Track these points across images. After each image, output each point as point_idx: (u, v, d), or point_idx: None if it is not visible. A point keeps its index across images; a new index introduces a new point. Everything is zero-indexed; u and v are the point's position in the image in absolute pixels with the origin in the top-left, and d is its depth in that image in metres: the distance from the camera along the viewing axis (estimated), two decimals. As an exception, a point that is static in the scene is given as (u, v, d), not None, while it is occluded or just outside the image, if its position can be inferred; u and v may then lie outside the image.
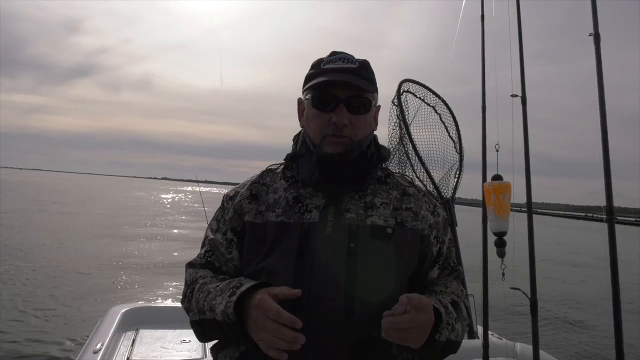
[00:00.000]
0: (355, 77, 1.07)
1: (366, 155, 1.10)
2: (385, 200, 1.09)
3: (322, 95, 1.07)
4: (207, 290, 1.03)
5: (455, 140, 2.54)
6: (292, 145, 1.18)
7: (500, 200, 1.88)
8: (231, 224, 1.12)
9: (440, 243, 1.13)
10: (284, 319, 0.86)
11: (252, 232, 1.08)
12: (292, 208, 1.06)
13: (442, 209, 1.19)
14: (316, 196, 1.07)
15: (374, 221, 1.05)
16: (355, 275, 0.99)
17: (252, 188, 1.14)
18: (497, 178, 1.97)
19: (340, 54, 1.11)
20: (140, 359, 2.47)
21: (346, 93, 1.06)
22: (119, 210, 26.44)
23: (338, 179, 1.06)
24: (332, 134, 1.06)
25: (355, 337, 0.98)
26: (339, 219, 1.04)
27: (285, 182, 1.13)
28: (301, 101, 1.16)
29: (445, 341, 0.99)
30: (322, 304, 0.97)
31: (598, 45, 1.68)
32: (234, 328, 0.95)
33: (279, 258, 1.02)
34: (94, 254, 10.96)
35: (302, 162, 1.11)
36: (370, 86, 1.10)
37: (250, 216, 1.10)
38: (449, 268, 1.14)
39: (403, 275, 1.06)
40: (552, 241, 24.74)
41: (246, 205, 1.11)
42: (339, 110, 1.06)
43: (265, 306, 0.89)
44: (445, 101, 2.56)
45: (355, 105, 1.07)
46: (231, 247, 1.12)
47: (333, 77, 1.06)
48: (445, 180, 2.51)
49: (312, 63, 1.14)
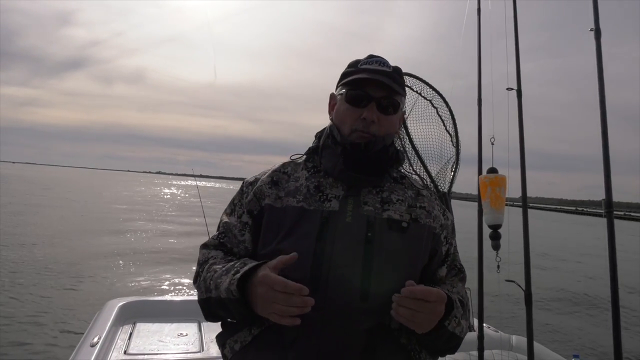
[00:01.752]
0: (389, 79, 1.14)
1: (388, 151, 1.16)
2: (401, 197, 1.16)
3: (357, 91, 1.15)
4: (213, 270, 1.09)
5: (452, 134, 2.54)
6: (314, 141, 1.25)
7: (496, 193, 1.90)
8: (249, 206, 1.18)
9: (448, 244, 1.20)
10: (291, 288, 0.91)
11: (270, 215, 1.13)
12: (313, 196, 1.12)
13: (451, 215, 1.28)
14: (336, 187, 1.14)
15: (390, 215, 1.11)
16: (371, 262, 1.04)
17: (273, 175, 1.20)
18: (492, 171, 1.98)
19: (377, 58, 1.19)
20: (137, 352, 2.48)
21: (379, 93, 1.13)
22: (117, 203, 26.36)
23: (360, 167, 1.12)
24: (361, 129, 1.13)
25: (370, 321, 1.04)
26: (358, 210, 1.10)
27: (306, 172, 1.19)
28: (333, 96, 1.24)
29: (451, 332, 1.04)
30: (340, 288, 1.03)
31: (599, 41, 1.69)
32: (237, 305, 1.01)
33: (299, 241, 1.07)
34: (91, 248, 10.94)
35: (326, 153, 1.18)
36: (401, 90, 1.18)
37: (270, 200, 1.15)
38: (456, 269, 1.22)
39: (415, 267, 1.12)
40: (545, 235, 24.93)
41: (266, 189, 1.17)
42: (370, 108, 1.13)
43: (270, 281, 0.94)
44: (442, 95, 2.55)
45: (385, 105, 1.14)
46: (244, 230, 1.16)
47: (370, 75, 1.13)
48: (442, 174, 2.51)
49: (349, 62, 1.22)
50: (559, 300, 9.39)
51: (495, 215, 1.91)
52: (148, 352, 2.50)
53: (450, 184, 2.45)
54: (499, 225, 1.92)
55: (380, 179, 1.16)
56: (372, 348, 1.03)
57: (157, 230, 15.78)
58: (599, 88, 1.65)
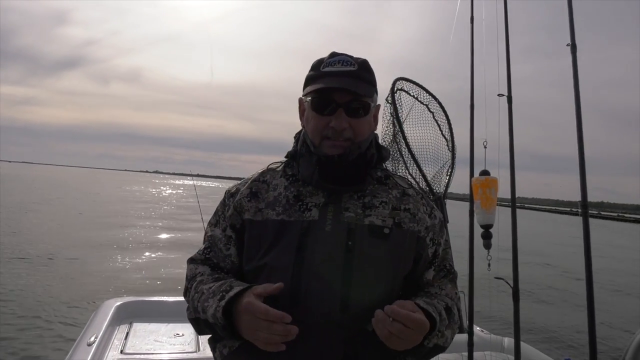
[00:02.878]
0: (355, 80, 1.08)
1: (365, 157, 1.12)
2: (385, 199, 1.13)
3: (321, 99, 1.09)
4: (201, 291, 1.08)
5: (447, 139, 2.58)
6: (293, 144, 1.21)
7: (487, 195, 1.96)
8: (231, 220, 1.15)
9: (436, 245, 1.16)
10: (272, 316, 0.91)
11: (252, 230, 1.11)
12: (293, 206, 1.10)
13: (439, 212, 1.22)
14: (316, 195, 1.11)
15: (372, 221, 1.08)
16: (351, 272, 1.03)
17: (252, 186, 1.17)
18: (484, 173, 2.04)
19: (339, 56, 1.12)
20: (134, 352, 2.49)
21: (345, 97, 1.07)
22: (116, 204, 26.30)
23: (337, 179, 1.09)
24: (330, 136, 1.08)
25: (349, 331, 1.02)
26: (338, 218, 1.08)
27: (285, 180, 1.16)
28: (302, 101, 1.18)
29: (432, 346, 1.03)
30: (319, 299, 1.01)
31: (575, 55, 1.76)
32: (223, 330, 1.01)
33: (280, 255, 1.06)
34: (87, 249, 10.91)
35: (302, 162, 1.13)
36: (370, 89, 1.11)
37: (249, 214, 1.13)
38: (445, 270, 1.18)
39: (398, 274, 1.10)
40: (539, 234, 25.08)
41: (245, 203, 1.14)
42: (337, 115, 1.07)
43: (253, 309, 0.93)
44: (438, 100, 2.59)
45: (354, 109, 1.08)
46: (229, 244, 1.15)
47: (332, 83, 1.07)
48: (438, 177, 2.54)
49: (312, 64, 1.16)
50: (547, 295, 9.51)
51: (486, 216, 1.98)
52: (145, 351, 2.52)
53: (445, 187, 2.48)
54: (490, 225, 1.98)
55: (362, 184, 1.11)
56: (354, 355, 1.02)
57: (155, 230, 15.76)
58: (575, 99, 1.75)
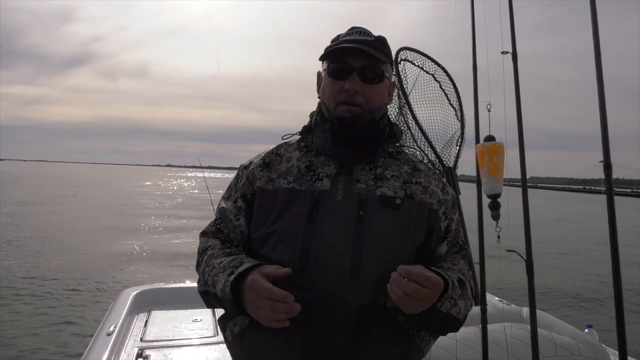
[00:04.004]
0: (370, 47, 1.10)
1: (378, 125, 1.12)
2: (396, 173, 1.13)
3: (337, 63, 1.12)
4: (212, 265, 1.09)
5: (456, 108, 2.50)
6: (309, 121, 1.22)
7: (494, 162, 1.86)
8: (242, 190, 1.17)
9: (448, 220, 1.15)
10: (276, 295, 0.92)
11: (262, 197, 1.12)
12: (304, 176, 1.11)
13: (451, 189, 1.21)
14: (328, 165, 1.12)
15: (384, 192, 1.09)
16: (362, 241, 1.03)
17: (265, 158, 1.19)
18: (490, 139, 1.94)
19: (358, 28, 1.15)
20: (153, 339, 2.53)
21: (360, 62, 1.10)
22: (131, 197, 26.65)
23: (349, 143, 1.10)
24: (344, 101, 1.10)
25: (360, 301, 1.01)
26: (349, 188, 1.08)
27: (298, 152, 1.17)
28: (320, 74, 1.20)
29: (445, 314, 1.01)
30: (329, 267, 1.01)
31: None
32: (231, 305, 1.02)
33: (290, 222, 1.06)
34: (106, 240, 11.11)
35: (317, 131, 1.16)
36: (384, 57, 1.13)
37: (261, 182, 1.14)
38: (457, 246, 1.17)
39: (410, 245, 1.08)
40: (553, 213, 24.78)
41: (258, 172, 1.16)
42: (352, 78, 1.09)
43: (258, 286, 0.94)
44: (444, 68, 2.50)
45: (368, 74, 1.10)
46: (239, 215, 1.16)
47: (349, 44, 1.09)
48: (447, 149, 2.47)
49: (332, 38, 1.19)
50: (563, 261, 9.42)
51: (494, 185, 1.86)
52: (164, 338, 2.55)
53: (455, 158, 2.42)
54: (498, 195, 1.87)
55: (374, 155, 1.13)
56: (366, 328, 1.02)
57: (171, 219, 15.96)
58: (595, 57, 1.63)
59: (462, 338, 2.01)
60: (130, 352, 2.34)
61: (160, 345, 2.45)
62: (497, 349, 1.97)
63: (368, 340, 1.02)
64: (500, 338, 1.98)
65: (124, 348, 2.39)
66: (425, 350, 1.13)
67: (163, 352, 2.38)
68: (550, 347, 2.01)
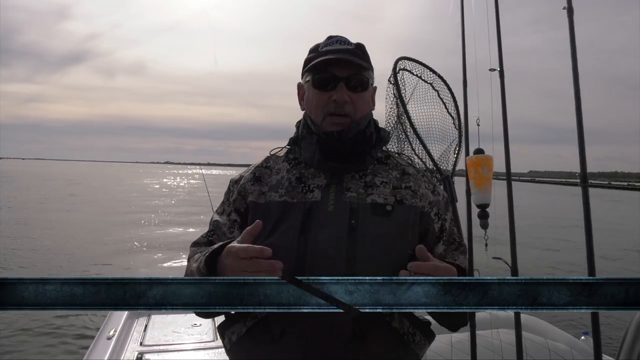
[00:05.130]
0: (353, 56, 1.11)
1: (365, 135, 1.14)
2: (385, 179, 1.14)
3: (322, 75, 1.12)
4: (193, 260, 1.12)
5: (453, 117, 2.52)
6: (295, 132, 1.23)
7: (480, 174, 1.93)
8: (235, 205, 1.19)
9: (442, 220, 1.17)
10: (254, 251, 0.91)
11: (255, 212, 1.14)
12: (295, 188, 1.12)
13: (442, 189, 1.24)
14: (318, 176, 1.13)
15: (374, 199, 1.11)
16: (355, 250, 1.05)
17: (256, 171, 1.20)
18: (478, 152, 2.02)
19: (336, 37, 1.16)
20: (153, 344, 2.55)
21: (345, 72, 1.11)
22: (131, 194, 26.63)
23: (337, 157, 1.11)
24: (333, 112, 1.11)
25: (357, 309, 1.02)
26: (340, 198, 1.10)
27: (287, 164, 1.19)
28: (301, 86, 1.21)
29: None
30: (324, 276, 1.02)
31: (571, 19, 1.71)
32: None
33: (283, 235, 1.08)
34: (106, 241, 11.11)
35: (304, 144, 1.17)
36: (368, 65, 1.14)
37: (253, 197, 1.16)
38: (455, 243, 1.19)
39: (403, 251, 1.09)
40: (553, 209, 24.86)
41: (249, 187, 1.17)
42: (339, 88, 1.10)
43: (234, 250, 0.93)
44: (442, 78, 2.53)
45: (354, 84, 1.12)
46: (233, 228, 1.18)
47: (332, 56, 1.10)
48: (445, 156, 2.50)
49: (309, 49, 1.19)
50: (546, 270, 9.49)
51: (481, 195, 1.96)
52: (163, 342, 2.57)
53: (452, 166, 2.44)
54: (486, 205, 1.96)
55: (363, 164, 1.15)
56: (362, 334, 1.03)
57: (170, 220, 15.95)
58: (572, 65, 1.74)
59: (456, 342, 2.04)
60: (130, 356, 2.36)
61: (160, 350, 2.48)
62: (489, 354, 2.00)
63: (364, 346, 1.04)
64: (491, 343, 2.02)
65: (124, 352, 2.41)
66: (420, 354, 1.15)
67: (162, 356, 2.40)
68: (544, 353, 2.05)
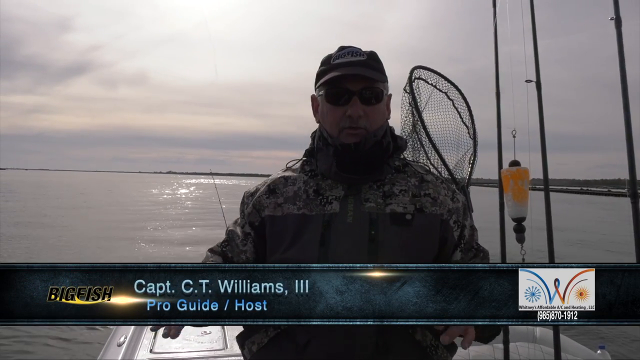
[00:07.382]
0: (365, 69, 1.10)
1: (382, 145, 1.12)
2: (404, 187, 1.12)
3: (335, 89, 1.11)
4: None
5: (468, 126, 2.53)
6: (310, 143, 1.22)
7: (518, 187, 1.90)
8: (249, 218, 1.18)
9: (460, 227, 1.15)
10: None
11: (273, 225, 1.13)
12: (313, 201, 1.11)
13: (462, 195, 1.21)
14: (336, 188, 1.12)
15: (393, 209, 1.09)
16: (376, 261, 1.03)
17: (271, 184, 1.19)
18: (515, 164, 1.98)
19: (348, 48, 1.14)
20: (162, 351, 2.52)
21: (358, 85, 1.09)
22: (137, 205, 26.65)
23: (355, 168, 1.10)
24: (348, 126, 1.09)
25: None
26: (359, 208, 1.08)
27: (305, 176, 1.17)
28: (315, 98, 1.20)
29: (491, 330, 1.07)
30: None
31: (619, 30, 1.68)
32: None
33: (303, 249, 1.06)
34: (116, 250, 11.09)
35: (320, 156, 1.16)
36: (381, 76, 1.13)
37: (269, 210, 1.14)
38: (473, 250, 1.17)
39: (424, 260, 1.08)
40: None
41: (264, 200, 1.16)
42: (353, 103, 1.09)
43: None
44: (457, 87, 2.54)
45: (368, 97, 1.10)
46: (246, 240, 1.17)
47: (344, 71, 1.09)
48: (460, 166, 2.50)
49: (321, 60, 1.18)
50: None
51: (519, 209, 1.91)
52: (173, 350, 2.54)
53: (468, 177, 2.44)
54: (523, 218, 1.90)
55: (380, 173, 1.13)
56: (385, 347, 1.02)
57: (178, 229, 15.93)
58: (621, 78, 1.66)
59: (477, 356, 2.01)
60: None
61: (170, 357, 2.45)
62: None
63: (387, 358, 1.02)
64: (514, 357, 1.98)
65: (134, 359, 2.39)
66: None
67: None
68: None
